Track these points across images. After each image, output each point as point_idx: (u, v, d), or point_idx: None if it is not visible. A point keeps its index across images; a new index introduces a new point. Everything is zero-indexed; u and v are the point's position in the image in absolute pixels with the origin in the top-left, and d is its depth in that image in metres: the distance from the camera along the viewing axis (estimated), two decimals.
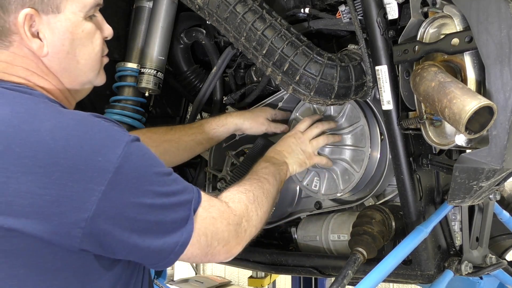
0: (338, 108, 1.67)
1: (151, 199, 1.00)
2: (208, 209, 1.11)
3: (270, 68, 1.45)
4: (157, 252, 1.03)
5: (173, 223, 1.03)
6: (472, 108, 1.07)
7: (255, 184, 1.33)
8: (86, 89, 1.25)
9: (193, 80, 2.02)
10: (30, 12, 1.05)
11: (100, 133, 0.98)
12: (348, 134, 1.64)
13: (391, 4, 1.35)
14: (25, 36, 1.06)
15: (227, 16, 1.50)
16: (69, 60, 1.13)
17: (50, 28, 1.08)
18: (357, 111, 1.61)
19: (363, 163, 1.60)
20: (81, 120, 0.99)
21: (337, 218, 1.69)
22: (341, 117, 1.66)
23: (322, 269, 1.66)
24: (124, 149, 0.97)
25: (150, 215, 1.00)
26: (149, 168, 1.02)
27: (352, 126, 1.63)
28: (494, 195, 1.59)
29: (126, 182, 0.97)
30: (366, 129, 1.59)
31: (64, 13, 1.09)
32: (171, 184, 1.06)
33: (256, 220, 1.24)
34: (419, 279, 1.49)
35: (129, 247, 1.00)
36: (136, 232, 0.99)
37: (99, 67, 1.23)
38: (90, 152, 0.95)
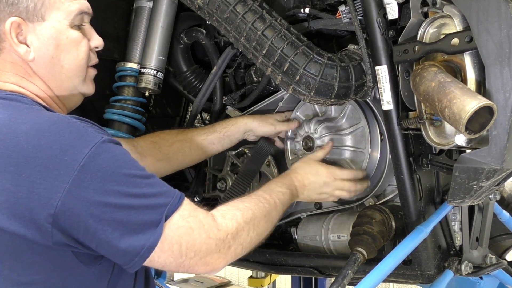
0: (338, 108, 1.67)
1: (117, 198, 1.01)
2: (187, 218, 1.10)
3: (270, 68, 1.45)
4: (123, 252, 1.03)
5: (140, 224, 1.03)
6: (472, 108, 1.07)
7: (262, 204, 1.30)
8: (75, 97, 1.30)
9: (193, 80, 2.02)
10: (16, 21, 1.14)
11: (71, 133, 1.02)
12: (348, 135, 1.64)
13: (391, 4, 1.35)
14: (13, 42, 1.15)
15: (227, 16, 1.50)
16: (54, 64, 1.20)
17: (36, 34, 1.17)
18: (357, 112, 1.61)
19: (363, 164, 1.60)
20: (56, 121, 1.05)
21: (337, 218, 1.70)
22: (341, 117, 1.66)
23: (322, 269, 1.66)
24: (92, 149, 1.01)
25: (115, 214, 1.01)
26: (118, 169, 1.04)
27: (352, 127, 1.63)
28: (494, 195, 1.59)
29: (91, 180, 0.99)
30: (367, 130, 1.59)
31: (49, 21, 1.18)
32: (143, 187, 1.06)
33: (245, 239, 1.20)
34: (419, 279, 1.49)
35: (96, 244, 1.03)
36: (101, 230, 1.01)
37: (84, 74, 1.28)
38: (59, 151, 0.99)
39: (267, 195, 1.34)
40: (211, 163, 2.02)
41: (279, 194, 1.38)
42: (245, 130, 1.78)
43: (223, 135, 1.75)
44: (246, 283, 5.06)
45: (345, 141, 1.65)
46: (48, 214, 0.98)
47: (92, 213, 1.00)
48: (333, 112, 1.70)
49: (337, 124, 1.67)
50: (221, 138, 1.76)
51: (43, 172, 0.98)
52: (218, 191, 1.97)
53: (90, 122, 1.11)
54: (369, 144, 1.59)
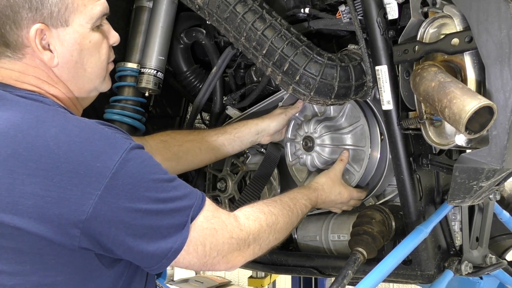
0: (337, 107, 1.67)
1: (147, 204, 1.03)
2: (210, 220, 1.12)
3: (270, 68, 1.45)
4: (151, 256, 1.05)
5: (169, 228, 1.05)
6: (472, 108, 1.07)
7: (286, 212, 1.33)
8: (92, 96, 1.30)
9: (193, 80, 2.02)
10: (40, 27, 1.11)
11: (101, 140, 1.03)
12: (348, 134, 1.64)
13: (391, 4, 1.35)
14: (37, 49, 1.13)
15: (227, 16, 1.50)
16: (77, 69, 1.20)
17: (60, 40, 1.15)
18: (356, 110, 1.61)
19: (363, 162, 1.60)
20: (85, 127, 1.05)
21: (337, 218, 1.70)
22: (341, 116, 1.66)
23: (322, 269, 1.66)
24: (122, 155, 1.02)
25: (145, 220, 1.03)
26: (147, 175, 1.05)
27: (352, 126, 1.63)
28: (494, 195, 1.59)
29: (122, 187, 1.00)
30: (366, 129, 1.59)
31: (72, 26, 1.16)
32: (170, 191, 1.07)
33: (264, 242, 1.24)
34: (419, 279, 1.49)
35: (124, 249, 1.04)
36: (131, 236, 1.02)
37: (105, 74, 1.28)
38: (90, 157, 1.00)
39: (292, 204, 1.38)
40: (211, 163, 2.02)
41: (303, 207, 1.42)
42: (257, 131, 1.76)
43: (233, 136, 1.75)
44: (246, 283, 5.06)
45: (345, 140, 1.65)
46: (78, 220, 0.98)
47: (122, 219, 1.01)
48: (332, 112, 1.70)
49: (337, 123, 1.67)
50: (231, 140, 1.75)
51: (74, 179, 0.98)
52: (218, 191, 1.97)
53: (114, 127, 1.11)
54: (369, 142, 1.59)
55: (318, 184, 1.55)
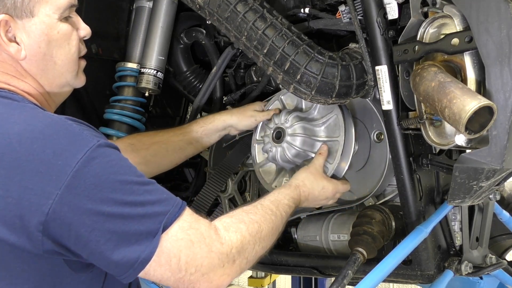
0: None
1: (111, 207, 0.96)
2: (187, 230, 1.02)
3: (271, 67, 1.45)
4: (115, 264, 0.97)
5: (136, 235, 0.97)
6: (472, 108, 1.07)
7: (269, 217, 1.23)
8: (65, 92, 1.25)
9: (193, 80, 2.02)
10: (4, 18, 1.07)
11: (65, 137, 0.98)
12: (321, 126, 1.62)
13: (391, 4, 1.35)
14: (2, 41, 1.09)
15: (228, 16, 1.49)
16: (46, 61, 1.15)
17: (26, 32, 1.10)
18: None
19: (337, 153, 1.56)
20: (50, 123, 1.00)
21: (337, 218, 1.69)
22: (313, 109, 1.64)
23: (322, 269, 1.66)
24: (87, 153, 0.96)
25: (108, 224, 0.95)
26: (113, 175, 0.98)
27: (325, 117, 1.61)
28: (494, 195, 1.59)
29: (84, 187, 0.94)
30: (340, 118, 1.56)
31: (38, 16, 1.11)
32: (140, 194, 1.00)
33: (250, 254, 1.13)
34: (419, 279, 1.49)
35: (87, 254, 0.97)
36: (93, 241, 0.95)
37: (77, 68, 1.23)
38: (52, 155, 0.95)
39: (274, 207, 1.28)
40: (211, 163, 2.02)
41: (286, 208, 1.33)
42: (224, 127, 1.75)
43: (200, 134, 1.72)
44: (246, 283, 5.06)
45: (318, 132, 1.62)
46: (38, 222, 0.93)
47: (84, 222, 0.94)
48: (303, 105, 1.68)
49: (309, 116, 1.65)
50: (199, 137, 1.72)
51: (34, 177, 0.93)
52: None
53: (86, 124, 1.05)
54: (343, 132, 1.55)
55: (298, 180, 1.48)
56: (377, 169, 1.62)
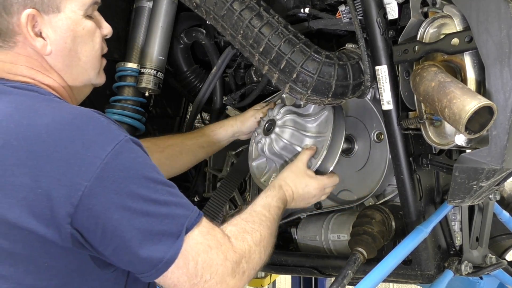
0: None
1: (137, 202, 0.96)
2: (205, 236, 1.03)
3: (267, 66, 1.44)
4: (140, 261, 0.97)
5: (159, 234, 0.97)
6: (472, 108, 1.07)
7: (265, 223, 1.23)
8: (87, 89, 1.27)
9: (193, 80, 2.02)
10: (32, 13, 1.07)
11: (94, 129, 0.98)
12: (313, 122, 1.61)
13: (391, 4, 1.35)
14: (29, 36, 1.09)
15: (224, 14, 1.49)
16: (71, 57, 1.16)
17: (52, 27, 1.11)
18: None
19: (322, 149, 1.54)
20: (78, 115, 1.00)
21: (337, 218, 1.69)
22: (309, 105, 1.64)
23: (322, 269, 1.66)
24: (116, 147, 0.96)
25: (134, 220, 0.95)
26: (140, 171, 0.99)
27: (318, 114, 1.60)
28: (494, 195, 1.59)
29: (112, 180, 0.94)
30: (330, 115, 1.55)
31: (64, 12, 1.12)
32: (164, 194, 1.01)
33: (257, 263, 1.14)
34: (419, 279, 1.49)
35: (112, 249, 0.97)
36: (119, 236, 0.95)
37: (99, 65, 1.25)
38: (81, 146, 0.95)
39: (267, 212, 1.28)
40: (211, 163, 2.02)
41: (276, 209, 1.33)
42: (233, 132, 1.77)
43: (212, 138, 1.74)
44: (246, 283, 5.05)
45: (309, 127, 1.61)
46: (67, 214, 0.93)
47: (111, 216, 0.94)
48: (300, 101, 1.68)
49: (305, 112, 1.64)
50: (210, 141, 1.74)
51: (64, 168, 0.93)
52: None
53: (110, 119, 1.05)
54: (331, 127, 1.53)
55: (280, 180, 1.45)
56: (377, 169, 1.62)
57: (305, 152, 1.52)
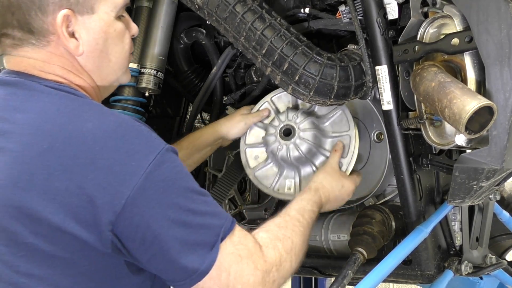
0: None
1: (175, 212, 0.97)
2: (237, 245, 1.03)
3: (270, 68, 1.45)
4: (176, 269, 0.98)
5: (195, 244, 0.98)
6: (472, 108, 1.07)
7: (298, 229, 1.20)
8: (113, 87, 1.28)
9: (193, 80, 2.02)
10: (67, 13, 1.08)
11: (137, 138, 0.99)
12: (326, 122, 1.62)
13: (391, 4, 1.35)
14: (63, 36, 1.09)
15: (226, 16, 1.49)
16: (102, 58, 1.16)
17: (86, 28, 1.11)
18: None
19: (350, 149, 1.56)
20: (122, 123, 1.01)
21: (337, 218, 1.69)
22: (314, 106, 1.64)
23: (322, 269, 1.66)
24: (157, 156, 0.97)
25: (172, 230, 0.97)
26: (179, 181, 1.00)
27: (329, 113, 1.61)
28: (494, 195, 1.59)
29: (154, 190, 0.96)
30: (348, 113, 1.58)
31: (98, 14, 1.12)
32: (200, 203, 1.02)
33: (288, 271, 1.12)
34: (419, 279, 1.49)
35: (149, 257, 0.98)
36: (157, 246, 0.97)
37: (128, 64, 1.25)
38: (125, 155, 0.96)
39: (300, 216, 1.25)
40: (211, 163, 2.02)
41: (311, 213, 1.30)
42: (215, 139, 1.72)
43: (190, 150, 1.69)
44: None
45: (324, 128, 1.62)
46: (109, 221, 0.94)
47: (150, 225, 0.95)
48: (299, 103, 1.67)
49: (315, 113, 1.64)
50: (190, 154, 1.69)
51: (109, 176, 0.94)
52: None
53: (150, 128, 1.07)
54: (354, 126, 1.56)
55: (317, 183, 1.43)
56: (377, 169, 1.62)
57: (336, 153, 1.53)
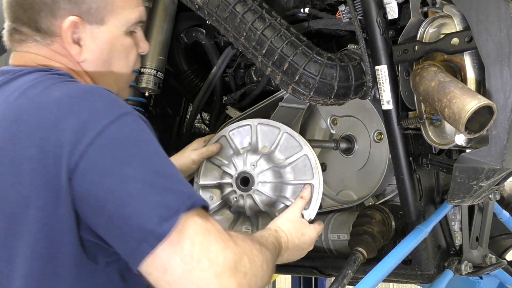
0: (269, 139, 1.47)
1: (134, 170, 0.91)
2: (205, 221, 0.93)
3: (270, 67, 1.45)
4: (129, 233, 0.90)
5: (155, 205, 0.90)
6: (472, 107, 1.07)
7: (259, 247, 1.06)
8: None
9: (193, 80, 2.03)
10: (75, 20, 1.09)
11: (103, 100, 0.98)
12: (287, 167, 1.44)
13: (391, 4, 1.35)
14: (66, 41, 1.11)
15: (226, 16, 1.50)
16: (105, 68, 1.17)
17: (92, 37, 1.13)
18: (295, 139, 1.44)
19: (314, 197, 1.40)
20: (90, 89, 1.02)
21: (337, 218, 1.69)
22: (274, 148, 1.46)
23: (322, 269, 1.66)
24: (120, 116, 0.95)
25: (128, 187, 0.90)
26: (143, 142, 0.96)
27: (290, 158, 1.44)
28: (494, 195, 1.59)
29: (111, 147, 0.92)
30: (312, 158, 1.41)
31: (107, 25, 1.14)
32: (166, 167, 0.96)
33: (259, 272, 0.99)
34: (419, 279, 1.49)
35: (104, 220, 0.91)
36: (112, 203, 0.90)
37: (128, 80, 1.26)
38: (87, 115, 0.94)
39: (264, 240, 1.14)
40: None
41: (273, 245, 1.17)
42: None
43: None
44: None
45: (285, 174, 1.44)
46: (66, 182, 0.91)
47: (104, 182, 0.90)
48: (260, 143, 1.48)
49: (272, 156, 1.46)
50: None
51: (70, 136, 0.91)
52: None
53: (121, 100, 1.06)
54: (319, 172, 1.40)
55: (276, 226, 1.29)
56: (377, 169, 1.62)
57: (300, 200, 1.38)
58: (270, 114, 1.82)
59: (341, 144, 1.70)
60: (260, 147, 1.48)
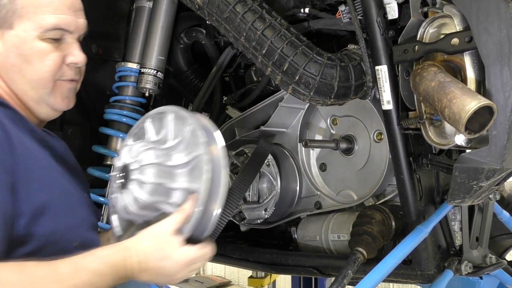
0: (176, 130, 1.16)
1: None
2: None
3: (270, 68, 1.45)
4: None
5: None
6: (472, 108, 1.07)
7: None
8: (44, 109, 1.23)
9: (193, 80, 2.03)
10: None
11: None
12: (183, 167, 1.12)
13: (391, 4, 1.35)
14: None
15: (226, 16, 1.50)
16: (14, 72, 1.19)
17: (3, 41, 1.17)
18: (200, 135, 1.11)
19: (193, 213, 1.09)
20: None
21: (337, 218, 1.69)
22: (177, 143, 1.14)
23: (322, 269, 1.66)
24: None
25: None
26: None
27: (189, 156, 1.11)
28: (494, 195, 1.59)
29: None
30: (204, 160, 1.09)
31: (15, 30, 1.16)
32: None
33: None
34: (419, 279, 1.49)
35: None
36: None
37: (50, 86, 1.21)
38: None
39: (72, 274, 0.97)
40: None
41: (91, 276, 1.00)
42: None
43: None
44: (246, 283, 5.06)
45: (177, 175, 1.12)
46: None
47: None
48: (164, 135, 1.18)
49: (171, 152, 1.13)
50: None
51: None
52: None
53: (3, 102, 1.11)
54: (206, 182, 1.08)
55: (131, 242, 1.09)
56: (377, 169, 1.62)
57: (177, 215, 1.10)
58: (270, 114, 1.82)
59: (341, 144, 1.70)
60: (157, 138, 1.18)
